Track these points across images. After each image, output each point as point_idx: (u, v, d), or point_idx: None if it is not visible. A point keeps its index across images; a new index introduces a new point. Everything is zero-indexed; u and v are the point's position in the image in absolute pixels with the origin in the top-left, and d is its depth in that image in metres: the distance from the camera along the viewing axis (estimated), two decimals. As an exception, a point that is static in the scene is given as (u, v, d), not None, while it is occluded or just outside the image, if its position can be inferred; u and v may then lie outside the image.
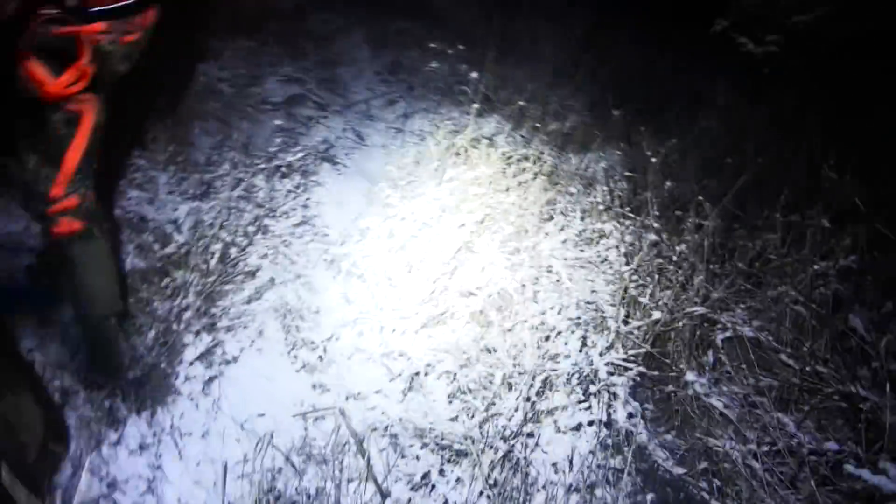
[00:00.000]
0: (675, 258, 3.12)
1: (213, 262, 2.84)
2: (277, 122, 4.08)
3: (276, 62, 4.70)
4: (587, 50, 5.79)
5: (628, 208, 3.60)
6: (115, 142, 3.37)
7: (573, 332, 2.84)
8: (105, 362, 2.56)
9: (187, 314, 2.74)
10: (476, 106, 4.69)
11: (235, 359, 2.72)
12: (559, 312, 2.91)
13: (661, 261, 3.14)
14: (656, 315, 2.82)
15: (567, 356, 2.74)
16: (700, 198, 3.32)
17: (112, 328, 2.52)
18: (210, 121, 3.91)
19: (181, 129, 3.68)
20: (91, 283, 2.41)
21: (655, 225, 3.35)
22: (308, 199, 3.48)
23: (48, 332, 2.66)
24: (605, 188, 3.84)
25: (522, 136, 4.40)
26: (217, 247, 2.88)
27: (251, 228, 3.02)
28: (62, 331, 2.66)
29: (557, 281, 3.07)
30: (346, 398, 2.69)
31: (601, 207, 3.61)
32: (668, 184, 3.61)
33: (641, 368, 2.74)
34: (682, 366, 2.73)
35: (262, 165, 3.48)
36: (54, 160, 2.18)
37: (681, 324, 2.80)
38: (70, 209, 2.27)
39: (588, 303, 2.97)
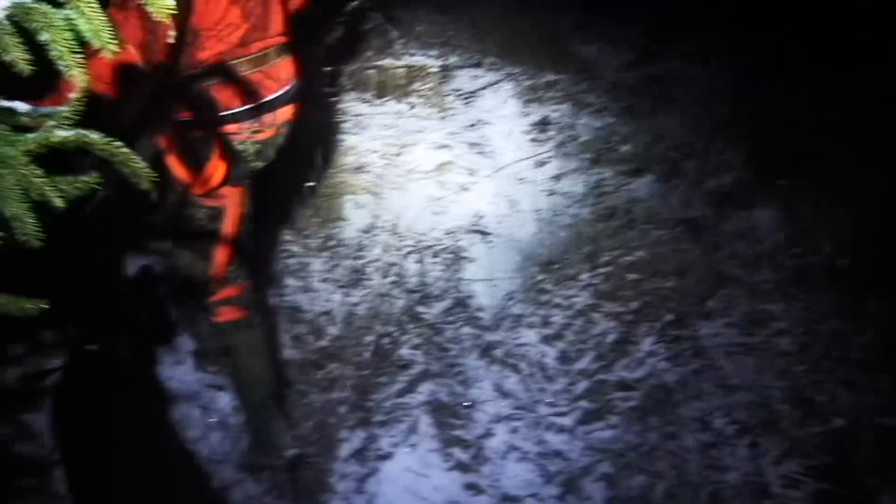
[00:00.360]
0: (858, 350, 2.83)
1: (366, 355, 2.82)
2: (427, 192, 4.07)
3: (425, 127, 4.69)
4: (745, 92, 5.48)
5: (799, 286, 3.32)
6: (265, 225, 3.48)
7: (741, 436, 2.62)
8: (267, 445, 2.59)
9: (343, 408, 2.73)
10: (629, 164, 4.54)
11: (389, 455, 2.69)
12: (725, 413, 2.69)
13: (840, 352, 2.86)
14: (837, 422, 2.55)
15: (735, 466, 2.52)
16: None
17: (272, 410, 2.56)
18: (361, 194, 3.93)
19: (334, 207, 3.72)
20: (252, 367, 2.48)
21: (831, 307, 3.07)
22: (460, 278, 3.41)
23: (210, 422, 2.71)
24: (771, 260, 3.57)
25: (679, 197, 4.18)
26: (370, 338, 2.86)
27: (403, 317, 2.99)
28: (222, 420, 2.71)
29: (722, 374, 2.86)
30: (501, 501, 2.59)
31: (768, 285, 3.35)
32: (842, 260, 3.31)
33: (823, 484, 2.48)
34: (873, 484, 2.46)
35: (413, 246, 3.44)
36: (206, 255, 2.24)
37: (869, 434, 2.52)
38: (229, 299, 2.33)
39: (757, 402, 2.73)
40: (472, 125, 4.88)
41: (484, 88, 5.50)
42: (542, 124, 5.00)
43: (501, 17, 6.47)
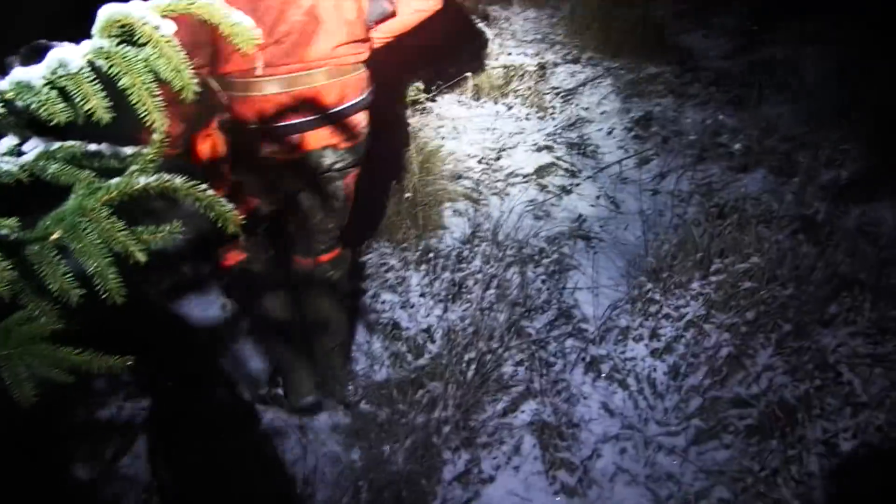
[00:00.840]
0: None
1: (468, 373, 2.74)
2: (529, 196, 3.96)
3: (524, 128, 4.57)
4: (862, 77, 5.11)
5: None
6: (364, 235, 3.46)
7: (873, 461, 2.42)
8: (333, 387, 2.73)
9: (446, 428, 2.66)
10: (738, 159, 4.30)
11: (492, 478, 2.60)
12: (854, 435, 2.49)
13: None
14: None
15: (866, 495, 2.33)
16: None
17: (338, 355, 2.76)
18: (460, 201, 3.86)
19: (433, 216, 3.66)
20: (333, 309, 2.66)
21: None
22: (563, 287, 3.29)
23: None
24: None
25: (793, 193, 3.92)
26: (471, 355, 2.78)
27: (506, 332, 2.89)
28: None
29: (848, 389, 2.65)
30: (610, 526, 2.48)
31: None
32: None
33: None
34: None
35: (514, 255, 3.34)
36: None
37: None
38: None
39: (890, 422, 2.51)
40: (572, 124, 4.74)
41: (583, 85, 5.34)
42: (645, 120, 4.81)
43: (598, 9, 6.27)
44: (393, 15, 2.22)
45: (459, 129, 4.42)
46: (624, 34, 6.05)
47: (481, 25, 5.77)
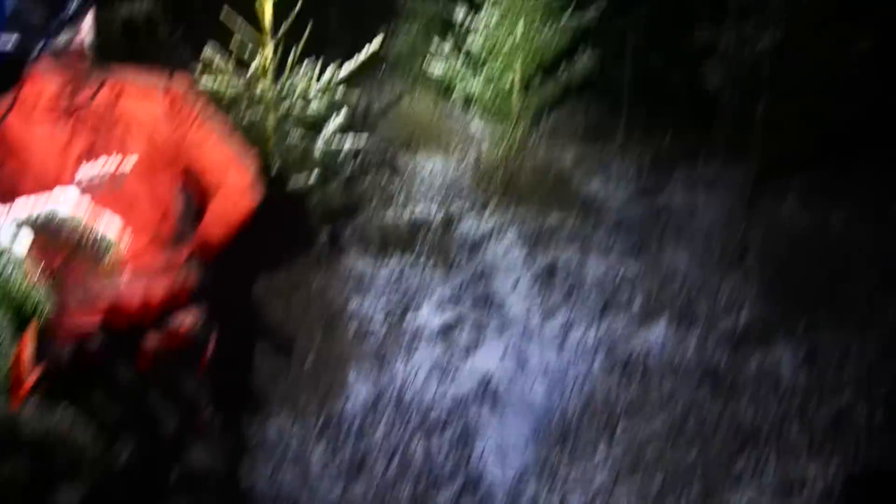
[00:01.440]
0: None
1: (372, 559, 2.57)
2: (435, 355, 3.90)
3: (430, 283, 4.56)
4: (750, 221, 5.36)
5: (834, 440, 3.07)
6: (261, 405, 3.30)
7: None
8: None
9: None
10: (641, 309, 4.36)
11: None
12: None
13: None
14: None
15: None
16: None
17: None
18: (365, 361, 3.77)
19: (337, 378, 3.55)
20: None
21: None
22: (470, 454, 3.18)
23: None
24: (800, 410, 3.33)
25: (695, 343, 3.98)
26: (375, 538, 2.62)
27: (410, 510, 2.75)
28: None
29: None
30: None
31: (799, 441, 3.11)
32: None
33: None
34: None
35: (419, 422, 3.24)
36: None
37: None
38: None
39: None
40: (479, 276, 4.75)
41: (489, 236, 5.41)
42: (550, 270, 4.87)
43: (503, 158, 6.48)
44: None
45: (365, 286, 4.37)
46: (527, 181, 6.24)
47: (388, 177, 5.86)
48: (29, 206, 1.02)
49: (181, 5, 7.16)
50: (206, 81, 3.57)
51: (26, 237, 0.95)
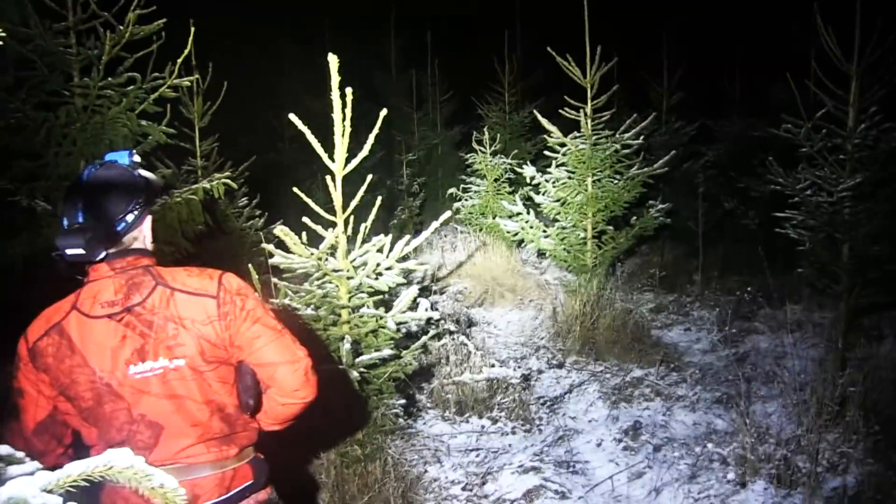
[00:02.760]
0: None
1: None
2: (517, 526, 3.68)
3: (510, 446, 4.39)
4: (847, 366, 5.04)
5: None
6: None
7: None
8: None
9: None
10: (735, 469, 4.07)
11: None
12: None
13: None
14: None
15: None
16: None
17: None
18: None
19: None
20: None
21: None
22: None
23: None
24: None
25: (796, 508, 3.65)
26: None
27: None
28: None
29: None
30: None
31: None
32: None
33: None
34: None
35: None
36: None
37: None
38: None
39: None
40: (560, 437, 4.55)
41: (569, 392, 5.24)
42: (634, 428, 4.63)
43: (580, 310, 6.36)
44: (258, 410, 2.11)
45: (442, 451, 4.23)
46: (606, 334, 6.10)
47: (464, 335, 5.81)
48: (82, 466, 1.02)
49: (255, 185, 7.57)
50: (278, 259, 3.64)
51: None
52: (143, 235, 2.04)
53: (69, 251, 1.85)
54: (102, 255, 1.92)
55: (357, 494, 3.56)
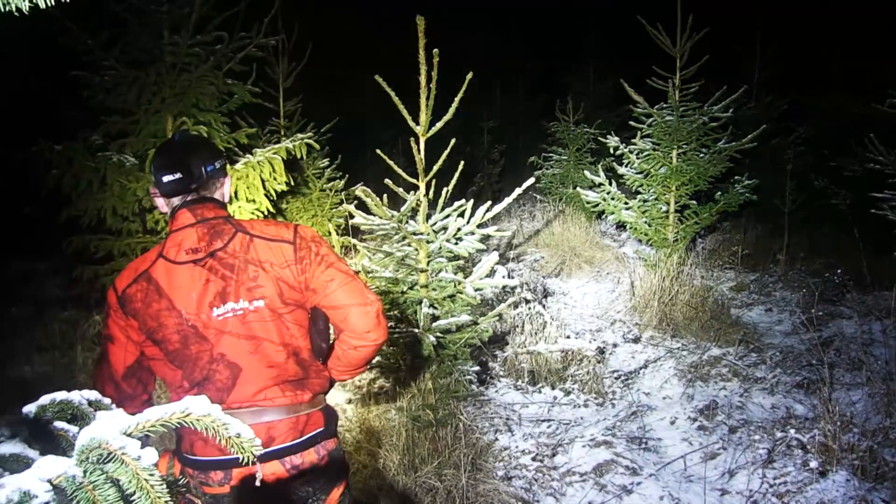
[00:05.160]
0: None
1: None
2: (587, 499, 3.61)
3: (582, 419, 4.31)
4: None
5: None
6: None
7: None
8: None
9: None
10: (815, 457, 3.90)
11: None
12: None
13: None
14: None
15: None
16: None
17: None
18: (513, 503, 3.54)
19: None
20: None
21: None
22: None
23: None
24: None
25: (884, 502, 3.47)
26: None
27: None
28: None
29: None
30: None
31: None
32: None
33: None
34: None
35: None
36: None
37: None
38: None
39: None
40: (633, 413, 4.44)
41: (644, 367, 5.11)
42: (710, 408, 4.48)
43: (658, 284, 6.19)
44: (331, 352, 2.19)
45: (514, 421, 4.18)
46: (685, 311, 5.92)
47: (540, 305, 5.72)
48: (160, 411, 1.04)
49: (337, 146, 7.57)
50: (359, 220, 3.62)
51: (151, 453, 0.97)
52: (223, 191, 2.15)
53: (166, 178, 2.00)
54: (192, 196, 2.05)
55: (427, 458, 3.55)
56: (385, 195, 3.63)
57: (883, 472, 3.69)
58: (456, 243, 3.60)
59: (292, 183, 4.82)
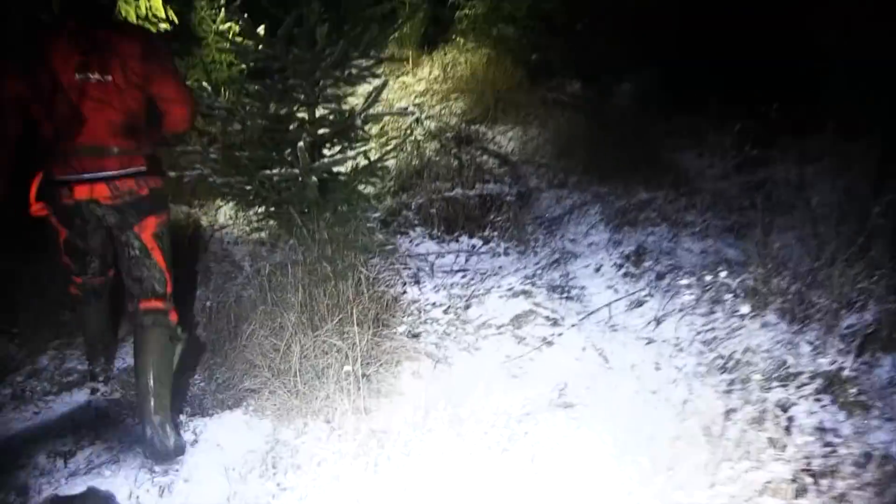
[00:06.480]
0: None
1: None
2: (502, 352, 3.30)
3: (500, 268, 3.95)
4: (873, 199, 4.50)
5: None
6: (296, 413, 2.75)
7: None
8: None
9: None
10: (743, 306, 3.64)
11: None
12: None
13: None
14: None
15: None
16: None
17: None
18: (421, 360, 3.20)
19: (385, 383, 3.00)
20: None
21: None
22: (539, 487, 2.57)
23: None
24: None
25: (810, 343, 3.26)
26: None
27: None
28: None
29: None
30: None
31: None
32: None
33: None
34: None
35: (478, 439, 2.65)
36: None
37: None
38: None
39: None
40: (556, 261, 4.11)
41: (569, 213, 4.75)
42: (637, 254, 4.17)
43: (586, 128, 5.77)
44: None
45: (425, 272, 3.80)
46: (613, 154, 5.52)
47: (458, 149, 5.25)
48: None
49: None
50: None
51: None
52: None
53: None
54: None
55: (326, 315, 3.14)
56: None
57: (811, 314, 3.46)
58: (346, 75, 3.04)
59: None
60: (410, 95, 7.09)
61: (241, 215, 4.23)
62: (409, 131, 5.14)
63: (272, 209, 3.25)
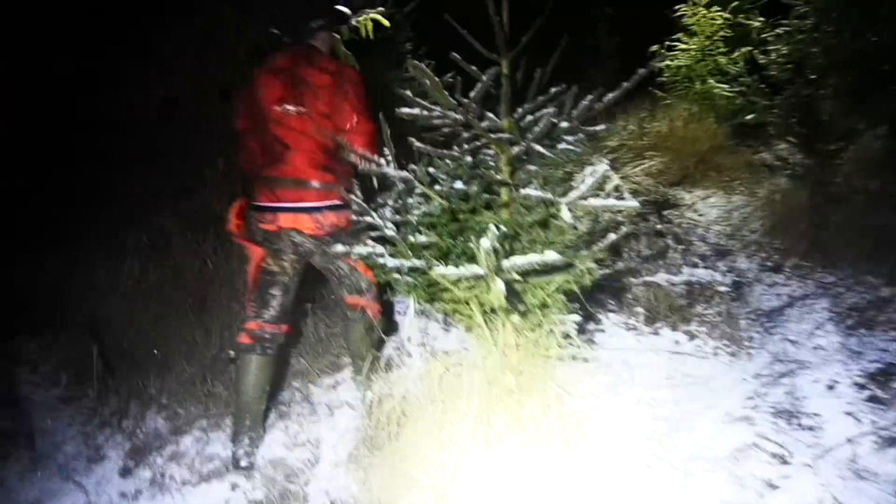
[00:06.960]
0: None
1: None
2: (717, 498, 2.68)
3: (710, 376, 3.32)
4: None
5: None
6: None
7: None
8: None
9: None
10: None
11: None
12: None
13: None
14: None
15: None
16: None
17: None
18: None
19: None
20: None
21: None
22: None
23: None
24: None
25: None
26: None
27: None
28: None
29: None
30: None
31: None
32: None
33: None
34: None
35: None
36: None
37: None
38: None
39: None
40: (780, 374, 3.41)
41: (789, 306, 4.02)
42: (884, 371, 3.39)
43: (806, 196, 5.00)
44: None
45: (624, 379, 3.23)
46: (841, 234, 4.69)
47: (659, 224, 4.65)
48: None
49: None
50: (410, 109, 2.56)
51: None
52: (323, 38, 3.29)
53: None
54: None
55: (504, 433, 2.67)
56: (454, 74, 2.63)
57: None
58: (552, 146, 2.57)
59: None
60: (602, 150, 6.55)
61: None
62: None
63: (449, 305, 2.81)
